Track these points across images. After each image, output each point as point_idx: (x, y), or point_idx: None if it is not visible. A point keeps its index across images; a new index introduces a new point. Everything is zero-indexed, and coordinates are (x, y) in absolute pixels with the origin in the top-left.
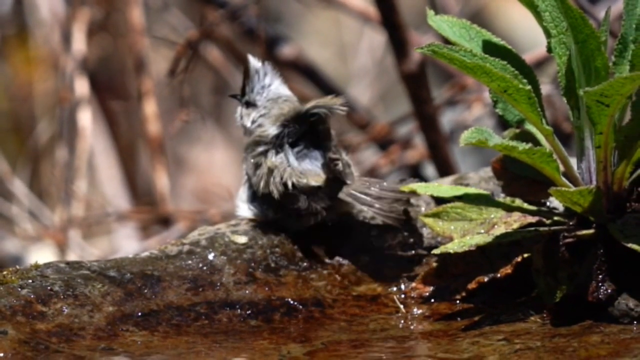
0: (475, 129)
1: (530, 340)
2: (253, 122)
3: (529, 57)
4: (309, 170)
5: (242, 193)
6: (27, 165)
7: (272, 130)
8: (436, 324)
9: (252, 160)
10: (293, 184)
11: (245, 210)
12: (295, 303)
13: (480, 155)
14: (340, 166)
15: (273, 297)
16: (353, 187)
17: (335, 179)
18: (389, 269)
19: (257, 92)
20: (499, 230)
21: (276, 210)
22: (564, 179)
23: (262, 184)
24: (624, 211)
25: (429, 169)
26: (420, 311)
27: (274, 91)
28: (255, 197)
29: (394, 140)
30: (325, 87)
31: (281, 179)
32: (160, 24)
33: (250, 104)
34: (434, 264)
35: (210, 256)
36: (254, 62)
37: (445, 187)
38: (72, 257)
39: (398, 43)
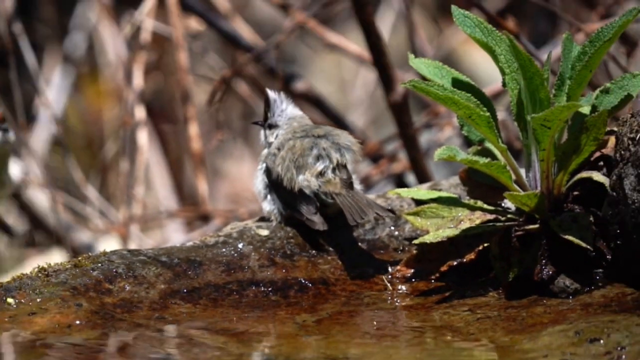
0: (446, 147)
1: (489, 310)
2: (276, 137)
3: (488, 90)
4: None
5: (262, 190)
6: (97, 174)
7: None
8: (416, 298)
9: (273, 163)
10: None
11: (266, 205)
12: (306, 282)
13: (451, 167)
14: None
15: (289, 277)
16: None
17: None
18: (379, 255)
19: (278, 115)
20: (465, 225)
21: (290, 206)
22: (515, 185)
23: (283, 182)
24: (562, 210)
25: (410, 178)
26: (403, 288)
27: (290, 113)
28: (272, 195)
29: (383, 155)
30: (330, 114)
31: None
32: (201, 64)
33: (272, 126)
34: (414, 252)
35: (240, 245)
36: (272, 93)
37: (423, 191)
38: (132, 246)
39: (386, 79)
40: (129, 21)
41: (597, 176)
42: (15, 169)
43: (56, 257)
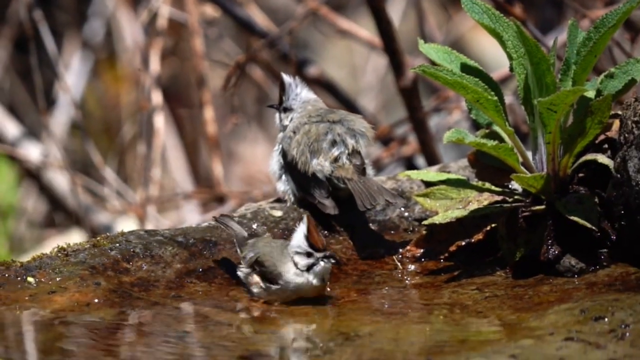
0: (455, 130)
1: (497, 289)
2: (291, 120)
3: (495, 75)
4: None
5: (277, 171)
6: (115, 157)
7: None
8: (425, 277)
9: (288, 146)
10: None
11: (281, 185)
12: None
13: (459, 149)
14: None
15: None
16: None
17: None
18: (390, 236)
19: (292, 99)
20: (473, 206)
21: (303, 189)
22: (522, 167)
23: (297, 165)
24: (567, 192)
25: (420, 160)
26: (413, 268)
27: (304, 97)
28: (287, 176)
29: (394, 138)
30: (341, 98)
31: (310, 166)
32: (216, 50)
33: (287, 109)
34: (424, 232)
35: (254, 226)
36: (287, 78)
37: (432, 173)
38: (149, 226)
39: (396, 65)
40: (146, 8)
41: (602, 158)
42: None
43: (75, 238)
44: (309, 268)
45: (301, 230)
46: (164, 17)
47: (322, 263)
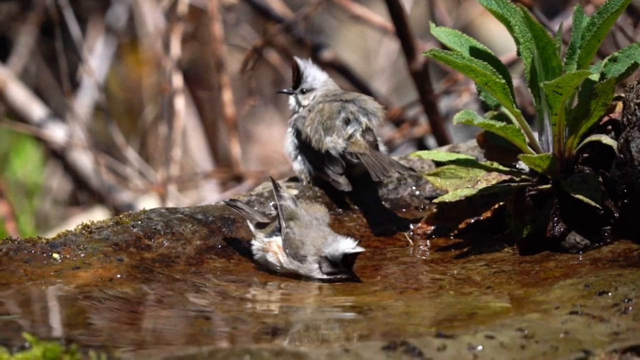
0: (464, 111)
1: (504, 265)
2: (313, 99)
3: (503, 58)
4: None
5: (292, 151)
6: (137, 138)
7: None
8: (436, 254)
9: (302, 125)
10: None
11: (296, 165)
12: None
13: (468, 130)
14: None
15: None
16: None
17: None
18: (401, 213)
19: (312, 79)
20: (482, 185)
21: (317, 167)
22: (529, 148)
23: (311, 143)
24: (573, 171)
25: (431, 141)
26: (424, 244)
27: (319, 78)
28: (302, 156)
29: (405, 120)
30: (355, 81)
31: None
32: (234, 35)
33: (307, 90)
34: (434, 210)
35: (271, 204)
36: (301, 61)
37: (442, 154)
38: (170, 204)
39: (408, 49)
40: None
41: (606, 139)
42: None
43: (99, 215)
44: (328, 274)
45: (346, 244)
46: (185, 3)
47: (342, 276)
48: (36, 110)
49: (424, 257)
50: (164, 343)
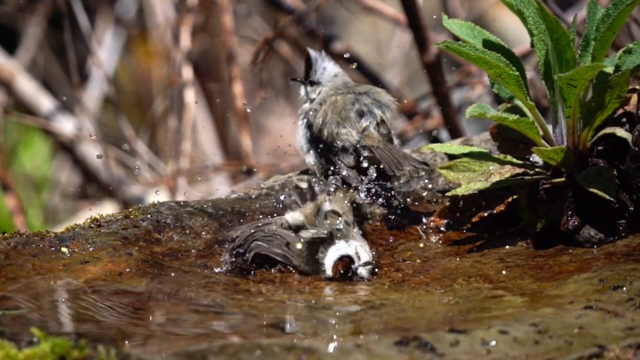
0: (477, 104)
1: (518, 259)
2: (319, 94)
3: (517, 50)
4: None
5: (304, 145)
6: (146, 130)
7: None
8: (448, 247)
9: (314, 118)
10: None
11: (309, 158)
12: None
13: (481, 123)
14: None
15: None
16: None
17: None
18: (414, 207)
19: (320, 73)
20: (495, 178)
21: (329, 160)
22: (543, 140)
23: (325, 135)
24: (587, 164)
25: (444, 134)
26: (437, 238)
27: (331, 71)
28: (314, 149)
29: (418, 112)
30: (367, 73)
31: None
32: (245, 26)
33: (314, 83)
34: (447, 203)
35: (282, 197)
36: (314, 53)
37: (455, 146)
38: (180, 198)
39: (420, 40)
40: None
41: (620, 132)
42: None
43: (108, 209)
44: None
45: (358, 243)
46: None
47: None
48: (45, 102)
49: (436, 251)
50: (174, 338)
